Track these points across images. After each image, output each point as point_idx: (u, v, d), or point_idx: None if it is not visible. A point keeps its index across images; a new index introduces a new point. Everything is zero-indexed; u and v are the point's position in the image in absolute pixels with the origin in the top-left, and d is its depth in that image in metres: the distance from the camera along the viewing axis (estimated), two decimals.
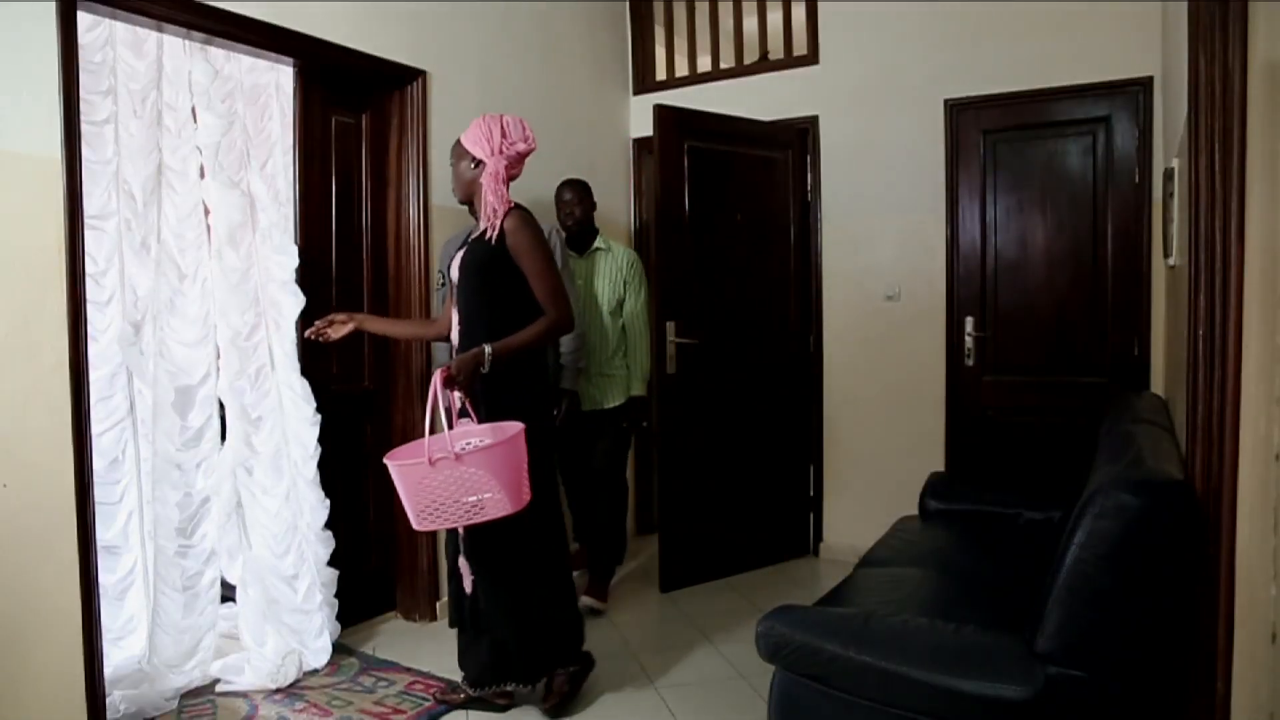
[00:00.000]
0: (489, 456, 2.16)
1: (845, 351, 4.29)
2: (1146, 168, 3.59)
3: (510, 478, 2.19)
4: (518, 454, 2.23)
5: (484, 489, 2.14)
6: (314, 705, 2.73)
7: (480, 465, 2.14)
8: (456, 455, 2.13)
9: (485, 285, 2.50)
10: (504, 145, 2.48)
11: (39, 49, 2.22)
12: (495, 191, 2.47)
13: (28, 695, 2.21)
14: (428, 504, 2.15)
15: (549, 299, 2.48)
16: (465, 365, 2.36)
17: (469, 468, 2.12)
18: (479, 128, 2.51)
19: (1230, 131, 1.60)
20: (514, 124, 2.51)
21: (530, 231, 2.48)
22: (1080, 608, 1.68)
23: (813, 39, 4.31)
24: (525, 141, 2.51)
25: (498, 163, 2.47)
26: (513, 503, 2.19)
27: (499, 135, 2.48)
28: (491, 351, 2.38)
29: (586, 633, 2.75)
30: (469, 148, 2.52)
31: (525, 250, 2.47)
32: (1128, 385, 3.55)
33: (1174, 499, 1.65)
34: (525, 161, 2.57)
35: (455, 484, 2.12)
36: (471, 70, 3.69)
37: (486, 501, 2.15)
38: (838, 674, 1.89)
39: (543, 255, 2.49)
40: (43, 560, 2.25)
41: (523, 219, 2.48)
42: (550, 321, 2.48)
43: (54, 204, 2.26)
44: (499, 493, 2.15)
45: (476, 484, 2.13)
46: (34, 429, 2.23)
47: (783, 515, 4.33)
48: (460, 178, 2.59)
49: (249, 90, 2.97)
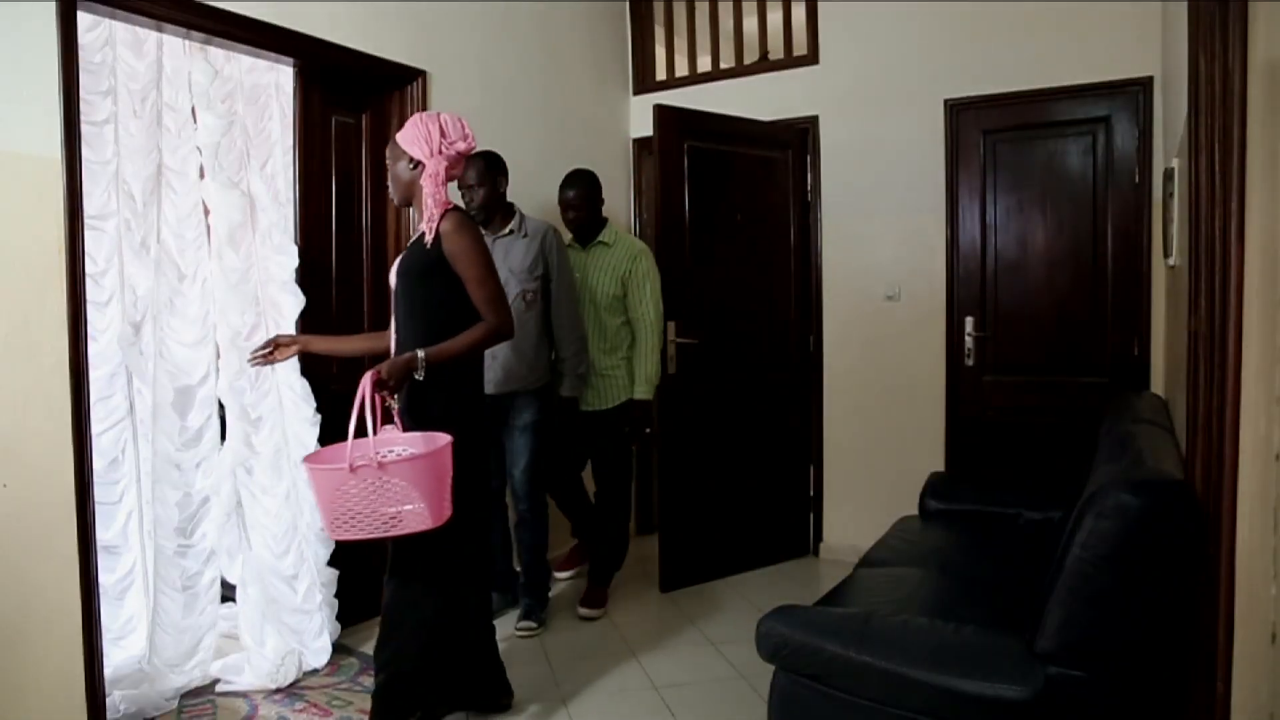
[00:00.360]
0: (413, 467, 2.07)
1: (845, 351, 4.29)
2: (1146, 168, 3.59)
3: (433, 491, 2.09)
4: (442, 467, 2.14)
5: (404, 501, 2.05)
6: (314, 705, 2.73)
7: (403, 476, 2.05)
8: (380, 463, 2.04)
9: (423, 291, 2.40)
10: (443, 145, 2.37)
11: (39, 49, 2.22)
12: (434, 193, 2.36)
13: (28, 695, 2.21)
14: (344, 512, 2.05)
15: (487, 305, 2.38)
16: (397, 369, 2.27)
17: (391, 477, 2.03)
18: (416, 127, 2.39)
19: (1230, 131, 1.60)
20: (452, 122, 2.40)
21: (468, 234, 2.37)
22: (1080, 608, 1.68)
23: (813, 39, 4.31)
24: (464, 140, 2.40)
25: (437, 163, 2.36)
26: (433, 517, 2.10)
27: (438, 134, 2.37)
28: (425, 356, 2.29)
29: (588, 637, 2.72)
30: (406, 148, 2.40)
31: (462, 253, 2.35)
32: (1128, 385, 3.55)
33: (1174, 499, 1.65)
34: (464, 160, 2.47)
35: (375, 493, 2.03)
36: (471, 70, 3.69)
37: (405, 514, 2.06)
38: (838, 674, 1.89)
39: (480, 259, 2.38)
40: (43, 560, 2.25)
41: (460, 221, 2.38)
42: (488, 328, 2.37)
43: (54, 204, 2.26)
44: (420, 505, 2.06)
45: (397, 495, 2.04)
46: (34, 429, 2.23)
47: (783, 515, 4.33)
48: (398, 179, 2.47)
49: (249, 90, 2.97)
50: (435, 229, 2.35)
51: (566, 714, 2.72)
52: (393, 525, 2.08)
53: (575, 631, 3.40)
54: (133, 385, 2.72)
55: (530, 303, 3.29)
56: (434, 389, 2.36)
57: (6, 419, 2.18)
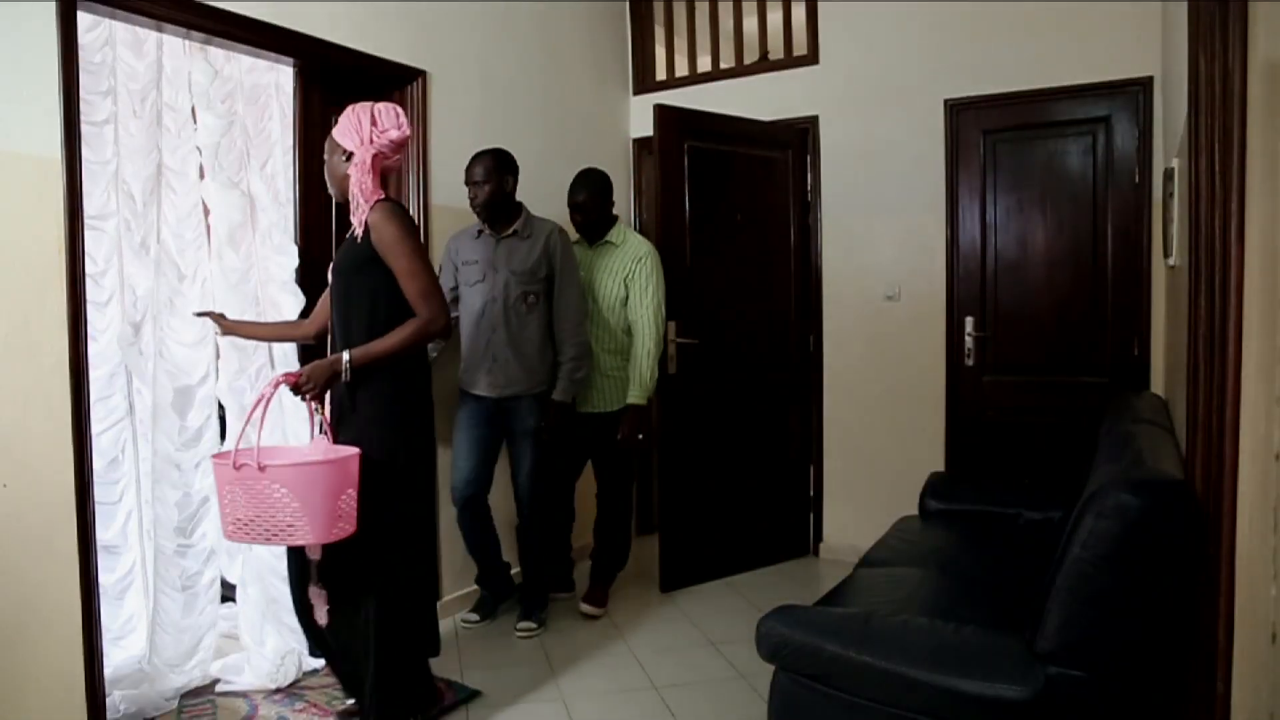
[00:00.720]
0: (296, 475, 1.98)
1: (845, 351, 4.29)
2: (1146, 168, 3.59)
3: (321, 505, 1.98)
4: (339, 480, 2.03)
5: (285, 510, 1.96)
6: (314, 705, 2.73)
7: (284, 482, 1.95)
8: (260, 466, 1.95)
9: (359, 288, 2.30)
10: (374, 134, 2.29)
11: (39, 49, 2.22)
12: (360, 182, 2.27)
13: (28, 695, 2.21)
14: (233, 513, 1.99)
15: (418, 299, 2.26)
16: (318, 372, 2.20)
17: (271, 483, 1.94)
18: (348, 118, 2.32)
19: (1230, 131, 1.60)
20: (385, 111, 2.32)
21: (397, 224, 2.25)
22: (1080, 608, 1.68)
23: (813, 39, 4.31)
24: (398, 129, 2.31)
25: (366, 152, 2.27)
26: (315, 533, 2.00)
27: (369, 124, 2.29)
28: (350, 358, 2.20)
29: (588, 637, 2.72)
30: (339, 140, 2.33)
31: (391, 244, 2.24)
32: (1128, 385, 3.55)
33: (1174, 499, 1.65)
34: (403, 150, 2.39)
35: (258, 498, 1.96)
36: (471, 70, 3.69)
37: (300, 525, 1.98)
38: (838, 674, 1.89)
39: (410, 250, 2.26)
40: (43, 559, 2.25)
41: (388, 211, 2.26)
42: (420, 324, 2.25)
43: (54, 204, 2.26)
44: (301, 519, 1.97)
45: (277, 503, 1.95)
46: (34, 429, 2.23)
47: (783, 515, 4.33)
48: (333, 173, 2.39)
49: (249, 90, 2.97)
50: (364, 221, 2.27)
51: (566, 714, 2.72)
52: (287, 534, 1.99)
53: (575, 631, 3.40)
54: (132, 385, 2.73)
55: (532, 305, 3.24)
56: (368, 392, 2.27)
57: (6, 419, 2.18)
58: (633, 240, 3.60)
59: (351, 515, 2.11)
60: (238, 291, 2.92)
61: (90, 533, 2.35)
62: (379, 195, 2.29)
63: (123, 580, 2.77)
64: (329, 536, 2.05)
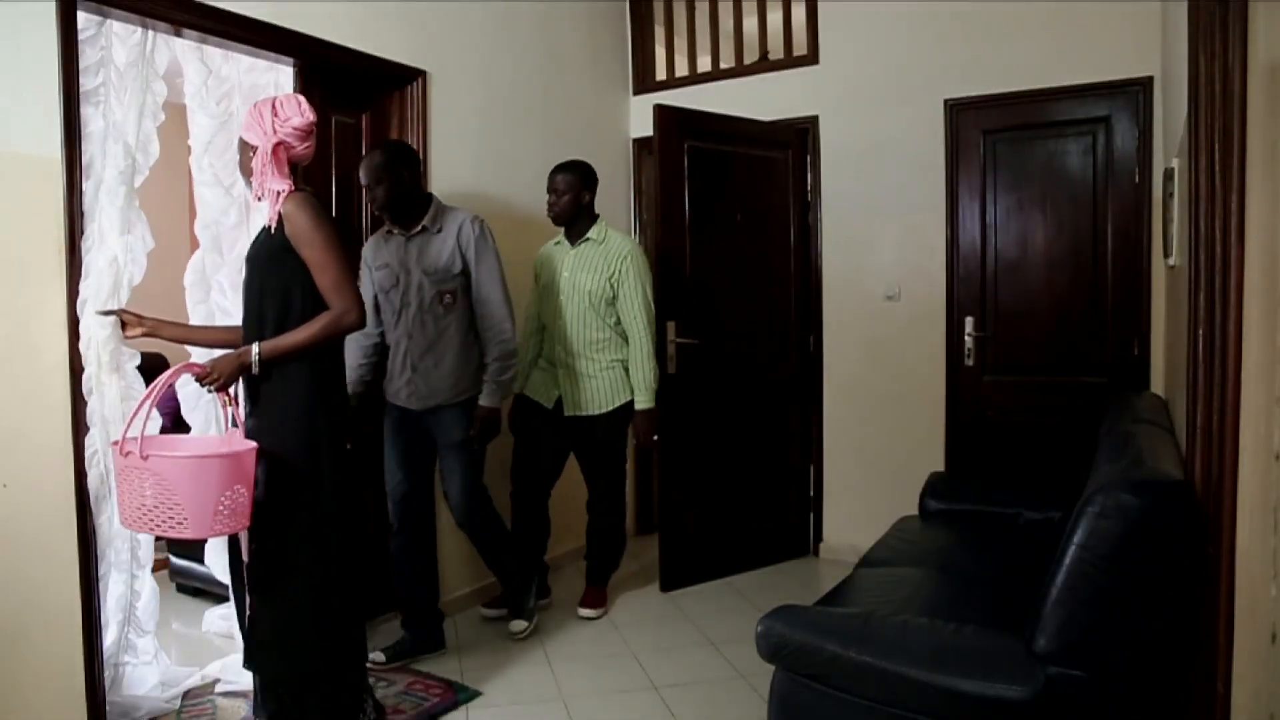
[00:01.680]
0: (175, 467, 1.96)
1: (845, 351, 4.29)
2: (1146, 168, 3.59)
3: (204, 498, 1.95)
4: (227, 475, 2.00)
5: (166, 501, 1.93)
6: None
7: (163, 474, 1.92)
8: (144, 455, 1.92)
9: (272, 280, 2.22)
10: (276, 124, 2.20)
11: (39, 49, 2.22)
12: (261, 172, 2.19)
13: (28, 694, 2.21)
14: (133, 499, 1.96)
15: (331, 291, 2.18)
16: (225, 365, 2.15)
17: (152, 474, 1.92)
18: (251, 115, 2.25)
19: (1230, 131, 1.60)
20: (286, 101, 2.25)
21: (309, 214, 2.18)
22: (1080, 608, 1.68)
23: (813, 39, 4.31)
24: (301, 115, 2.23)
25: (267, 142, 2.18)
26: (195, 527, 1.96)
27: (270, 115, 2.21)
28: (260, 351, 2.15)
29: (588, 637, 2.69)
30: (246, 138, 2.25)
31: (304, 235, 2.17)
32: (1128, 385, 3.55)
33: (1174, 499, 1.65)
34: (310, 138, 2.28)
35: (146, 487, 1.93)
36: (471, 70, 3.69)
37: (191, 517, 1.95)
38: (838, 674, 1.89)
39: (323, 241, 2.18)
40: (42, 559, 2.25)
41: (301, 201, 2.19)
42: (332, 318, 2.18)
43: (53, 204, 2.26)
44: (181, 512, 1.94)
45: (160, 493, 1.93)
46: (34, 429, 2.23)
47: (783, 515, 4.33)
48: (245, 170, 2.31)
49: (247, 90, 2.97)
50: (276, 212, 2.20)
51: (566, 714, 2.72)
52: (175, 526, 1.95)
53: (575, 631, 3.40)
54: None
55: (449, 306, 2.99)
56: (280, 386, 2.21)
57: (6, 419, 2.18)
58: (615, 238, 3.48)
59: (241, 511, 2.05)
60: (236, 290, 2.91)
61: (90, 532, 2.35)
62: (289, 185, 2.21)
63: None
64: (210, 531, 2.02)
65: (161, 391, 2.04)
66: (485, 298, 3.04)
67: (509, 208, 3.87)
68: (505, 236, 3.78)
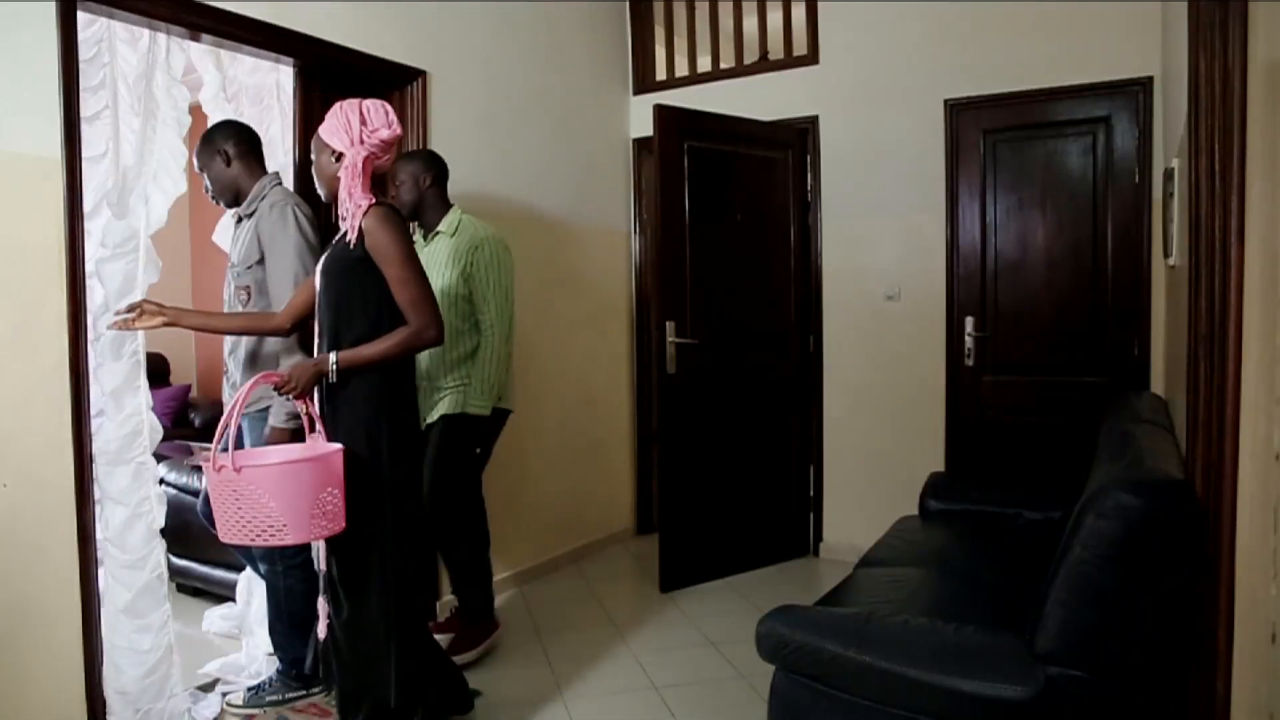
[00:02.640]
0: (266, 476, 1.97)
1: (845, 351, 4.29)
2: (1146, 168, 3.59)
3: (299, 504, 1.97)
4: (319, 478, 2.02)
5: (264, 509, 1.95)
6: (313, 705, 2.73)
7: (258, 483, 1.94)
8: (237, 467, 1.95)
9: (349, 292, 2.24)
10: (364, 134, 2.23)
11: (39, 49, 2.22)
12: (350, 186, 2.22)
13: (28, 695, 2.21)
14: (230, 512, 1.97)
15: (409, 307, 2.22)
16: (303, 373, 2.18)
17: (248, 484, 1.94)
18: (336, 117, 2.26)
19: (1230, 131, 1.60)
20: (375, 109, 2.26)
21: (390, 230, 2.20)
22: (1080, 608, 1.68)
23: (813, 39, 4.31)
24: (389, 127, 2.25)
25: (357, 154, 2.22)
26: (295, 532, 1.98)
27: (359, 123, 2.23)
28: (337, 361, 2.18)
29: (589, 638, 2.71)
30: (328, 140, 2.26)
31: (383, 250, 2.19)
32: (1128, 385, 3.55)
33: (1174, 499, 1.65)
34: (393, 150, 2.32)
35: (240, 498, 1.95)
36: (472, 70, 3.69)
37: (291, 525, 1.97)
38: (838, 674, 1.89)
39: (403, 258, 2.21)
40: (43, 560, 2.25)
41: (382, 216, 2.21)
42: (408, 333, 2.21)
43: (54, 203, 2.26)
44: (280, 519, 1.96)
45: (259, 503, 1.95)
46: (34, 429, 2.23)
47: (783, 515, 4.33)
48: (322, 173, 2.33)
49: (252, 91, 2.97)
50: (358, 225, 2.21)
51: (566, 714, 2.72)
52: (275, 534, 1.97)
53: (575, 632, 3.40)
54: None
55: (245, 303, 2.68)
56: (354, 394, 2.24)
57: (6, 418, 2.18)
58: (470, 227, 3.05)
59: (336, 513, 2.07)
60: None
61: (90, 533, 2.35)
62: (370, 199, 2.23)
63: None
64: (312, 535, 2.03)
65: (244, 404, 2.07)
66: (275, 284, 2.61)
67: (509, 207, 3.87)
68: (504, 237, 3.79)
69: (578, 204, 4.38)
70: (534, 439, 4.04)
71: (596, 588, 3.94)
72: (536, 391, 4.06)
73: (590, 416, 4.47)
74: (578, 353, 4.38)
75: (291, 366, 2.23)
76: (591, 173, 4.50)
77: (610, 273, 4.69)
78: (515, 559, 3.89)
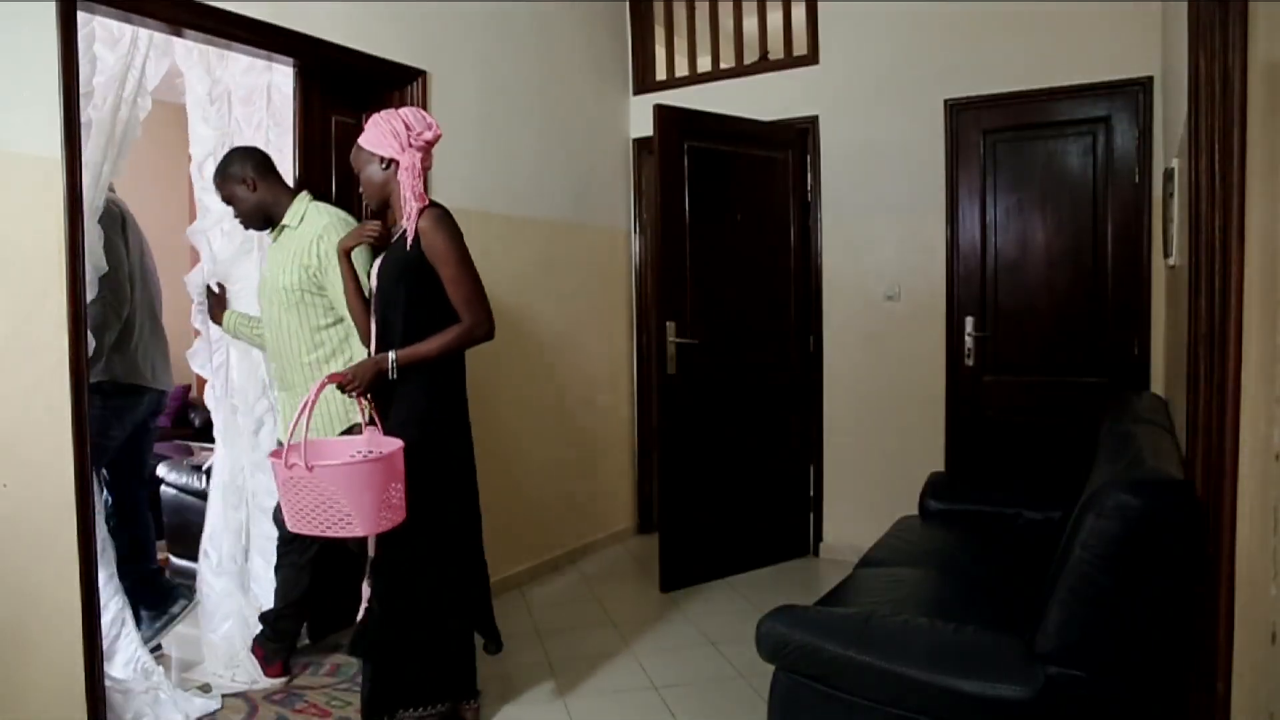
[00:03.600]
0: (336, 474, 2.05)
1: (845, 351, 4.29)
2: (1146, 168, 3.59)
3: (367, 498, 2.06)
4: (385, 475, 2.10)
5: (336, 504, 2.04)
6: (313, 705, 2.73)
7: (329, 480, 2.04)
8: (309, 466, 2.02)
9: (407, 294, 2.33)
10: (411, 138, 2.33)
11: (39, 49, 2.22)
12: (414, 187, 2.31)
13: (28, 694, 2.21)
14: (293, 506, 2.08)
15: (464, 305, 2.32)
16: (364, 372, 2.27)
17: (321, 481, 2.03)
18: (380, 128, 2.35)
19: (1230, 132, 1.60)
20: (413, 114, 2.37)
21: (446, 230, 2.32)
22: (1080, 608, 1.68)
23: (813, 39, 4.31)
24: (430, 130, 2.37)
25: (411, 157, 2.32)
26: (364, 525, 2.08)
27: (404, 129, 2.33)
28: (396, 358, 2.28)
29: (589, 638, 2.71)
30: (375, 150, 2.36)
31: (439, 250, 2.30)
32: (1127, 385, 3.55)
33: (1174, 499, 1.65)
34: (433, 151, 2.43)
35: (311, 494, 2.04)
36: (471, 70, 3.69)
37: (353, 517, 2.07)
38: (838, 674, 1.89)
39: (459, 257, 2.32)
40: (43, 559, 2.25)
41: (437, 217, 2.32)
42: (464, 329, 2.32)
43: (54, 204, 2.26)
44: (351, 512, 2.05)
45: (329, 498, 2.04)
46: (34, 428, 2.23)
47: (783, 515, 4.33)
48: (371, 183, 2.40)
49: (243, 94, 2.96)
50: (414, 226, 2.31)
51: (566, 713, 2.72)
52: (343, 525, 2.06)
53: (575, 632, 3.40)
54: None
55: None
56: (410, 390, 2.33)
57: (7, 418, 2.18)
58: (314, 215, 2.73)
59: (399, 506, 2.16)
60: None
61: (91, 532, 2.34)
62: (424, 201, 2.33)
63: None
64: (378, 527, 2.12)
65: (314, 404, 2.14)
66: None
67: (509, 207, 3.88)
68: (504, 238, 3.80)
69: (578, 204, 4.38)
70: (534, 439, 4.04)
71: (596, 588, 3.94)
72: (536, 391, 4.06)
73: (590, 416, 4.47)
74: (578, 353, 4.38)
75: (353, 366, 2.32)
76: (592, 173, 4.50)
77: (610, 273, 4.69)
78: (515, 559, 3.89)
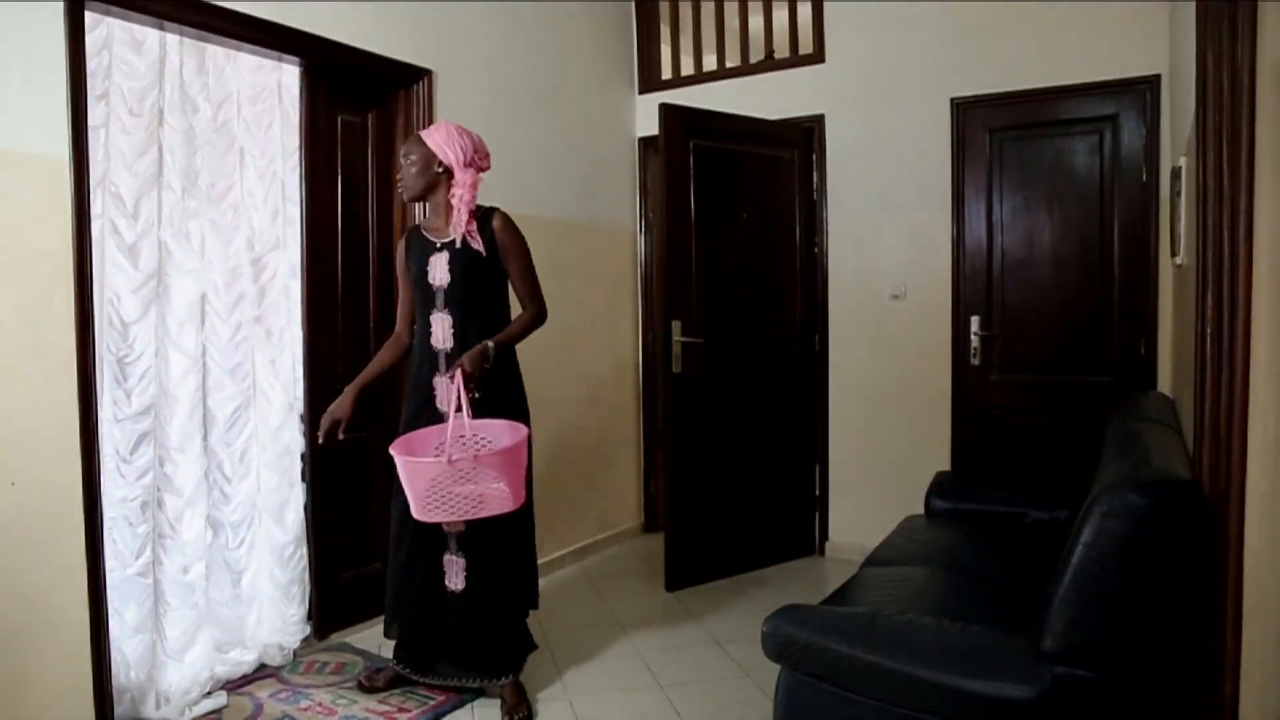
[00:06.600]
0: (502, 459, 2.26)
1: (851, 351, 4.29)
2: (1154, 166, 3.58)
3: (516, 478, 2.30)
4: (523, 455, 2.34)
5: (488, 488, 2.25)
6: (319, 704, 2.73)
7: (494, 467, 2.25)
8: (476, 456, 2.25)
9: (482, 290, 2.59)
10: (477, 159, 2.56)
11: (46, 49, 2.23)
12: (470, 201, 2.53)
13: (36, 693, 2.22)
14: (435, 497, 2.25)
15: (530, 293, 2.63)
16: (476, 360, 2.43)
17: (486, 469, 2.24)
18: (452, 135, 2.53)
19: (1239, 130, 1.59)
20: (480, 141, 2.60)
21: (517, 230, 2.63)
22: (1087, 608, 1.68)
23: (819, 37, 4.30)
24: (487, 160, 2.62)
25: (468, 175, 2.53)
26: (514, 501, 2.30)
27: (470, 147, 2.54)
28: (494, 345, 2.49)
29: (593, 636, 2.73)
30: (438, 151, 2.53)
31: (515, 247, 2.61)
32: (1135, 384, 3.54)
33: (1182, 499, 1.64)
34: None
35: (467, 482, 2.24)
36: (477, 69, 3.69)
37: (488, 497, 2.26)
38: (844, 673, 1.89)
39: (527, 252, 2.64)
40: (50, 558, 2.26)
41: (509, 219, 2.62)
42: (533, 315, 2.62)
43: (62, 204, 2.27)
44: (505, 491, 2.27)
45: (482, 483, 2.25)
46: (41, 428, 2.24)
47: (788, 514, 4.33)
48: (420, 175, 2.56)
49: (248, 93, 2.96)
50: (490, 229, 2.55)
51: (571, 712, 2.72)
52: (478, 507, 2.27)
53: (581, 630, 3.40)
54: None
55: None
56: (499, 376, 2.55)
57: (14, 418, 2.19)
58: None
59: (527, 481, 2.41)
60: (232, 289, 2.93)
61: (98, 531, 2.36)
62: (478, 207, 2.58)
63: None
64: (521, 500, 2.34)
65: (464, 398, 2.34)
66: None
67: (514, 207, 3.86)
68: None
69: (583, 203, 4.38)
70: (539, 438, 4.01)
71: (602, 586, 3.94)
72: (542, 390, 4.05)
73: (596, 415, 4.47)
74: (584, 352, 4.38)
75: (467, 359, 2.44)
76: (597, 172, 4.50)
77: (616, 272, 4.69)
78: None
